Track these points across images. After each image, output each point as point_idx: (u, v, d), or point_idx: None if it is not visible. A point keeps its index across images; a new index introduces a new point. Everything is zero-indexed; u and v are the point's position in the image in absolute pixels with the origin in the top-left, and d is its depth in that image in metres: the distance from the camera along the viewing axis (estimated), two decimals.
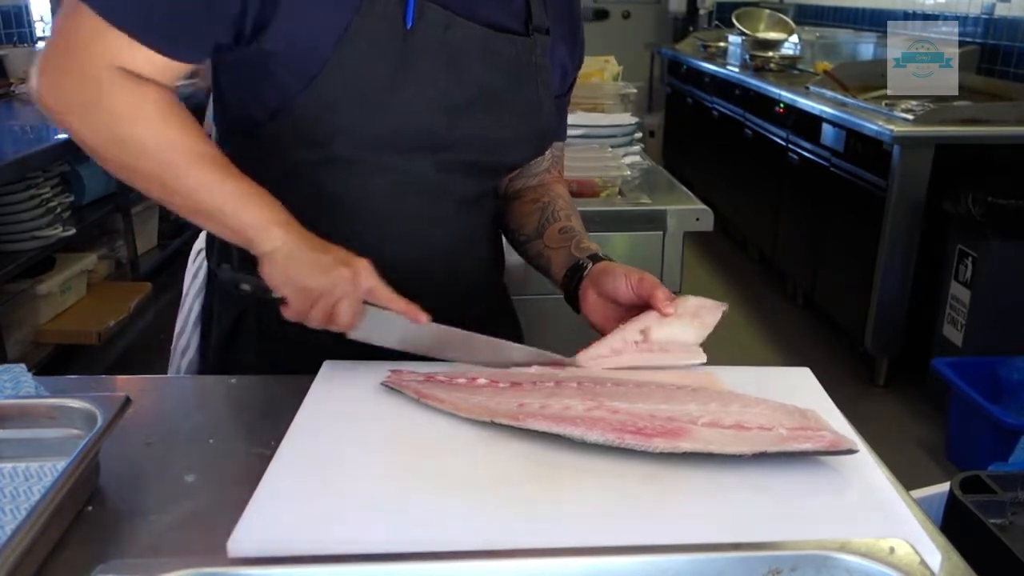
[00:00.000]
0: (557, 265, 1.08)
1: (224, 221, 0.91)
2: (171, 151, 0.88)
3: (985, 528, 0.92)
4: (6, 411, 0.82)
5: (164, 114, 0.88)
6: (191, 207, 0.91)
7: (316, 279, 0.89)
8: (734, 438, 0.78)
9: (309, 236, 0.91)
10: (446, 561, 0.61)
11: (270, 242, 0.90)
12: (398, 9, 0.92)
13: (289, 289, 0.90)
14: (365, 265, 0.90)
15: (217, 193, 0.89)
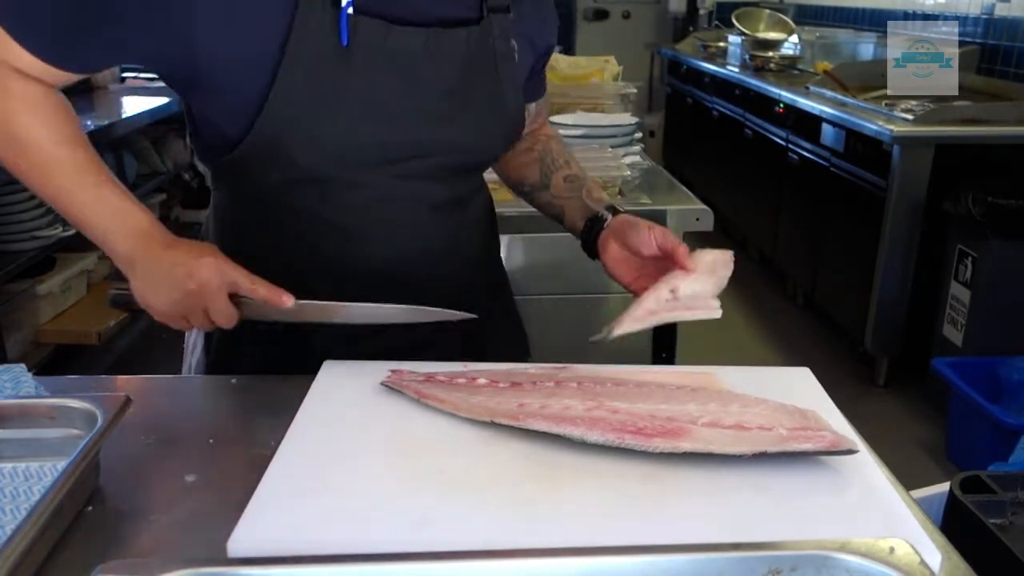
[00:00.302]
0: (571, 214, 1.13)
1: (84, 229, 0.92)
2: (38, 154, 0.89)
3: (985, 528, 0.92)
4: (6, 411, 0.82)
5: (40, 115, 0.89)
6: (60, 210, 0.92)
7: (172, 300, 0.89)
8: (734, 438, 0.78)
9: (156, 246, 0.90)
10: (446, 561, 0.60)
11: (118, 259, 0.91)
12: (332, 29, 0.90)
13: (147, 307, 0.91)
14: (209, 267, 0.88)
15: (77, 201, 0.91)
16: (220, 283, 0.88)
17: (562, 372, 0.93)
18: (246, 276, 0.89)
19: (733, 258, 0.99)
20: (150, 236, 0.91)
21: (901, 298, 3.01)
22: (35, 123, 0.89)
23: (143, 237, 0.91)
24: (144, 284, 0.90)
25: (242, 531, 0.68)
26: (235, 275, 0.89)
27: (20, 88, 0.88)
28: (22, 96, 0.88)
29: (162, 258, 0.89)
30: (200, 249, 0.90)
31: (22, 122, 0.88)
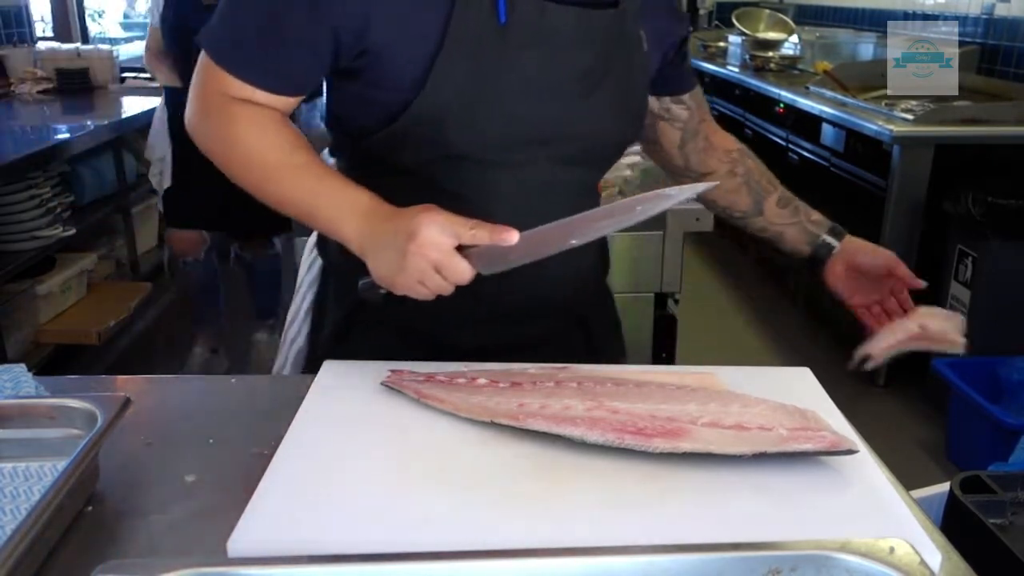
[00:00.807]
0: (792, 240, 1.21)
1: (312, 225, 0.95)
2: (262, 167, 0.94)
3: (985, 528, 0.92)
4: (6, 411, 0.82)
5: (256, 135, 0.94)
6: (293, 214, 0.95)
7: (402, 268, 0.86)
8: (734, 438, 0.78)
9: (380, 223, 0.89)
10: (446, 561, 0.60)
11: (350, 244, 0.91)
12: (491, 7, 0.91)
13: (387, 286, 0.89)
14: (428, 224, 0.84)
15: (301, 199, 0.93)
16: (443, 238, 0.84)
17: (562, 372, 0.93)
18: (464, 223, 0.85)
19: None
20: (371, 213, 0.90)
21: None
22: (257, 138, 0.94)
23: (365, 216, 0.90)
24: (377, 262, 0.89)
25: (242, 531, 0.68)
26: (455, 226, 0.85)
27: (241, 111, 0.94)
28: (245, 119, 0.94)
29: (385, 230, 0.88)
30: (416, 211, 0.86)
31: (247, 141, 0.94)
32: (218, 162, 0.96)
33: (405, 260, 0.85)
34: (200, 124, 0.97)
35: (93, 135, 3.03)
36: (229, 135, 0.94)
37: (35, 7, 4.25)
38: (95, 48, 3.99)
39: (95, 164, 3.18)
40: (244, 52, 0.93)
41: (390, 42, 0.92)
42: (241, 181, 0.96)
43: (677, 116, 1.21)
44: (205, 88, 0.95)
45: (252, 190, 0.96)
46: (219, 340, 3.19)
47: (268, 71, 0.94)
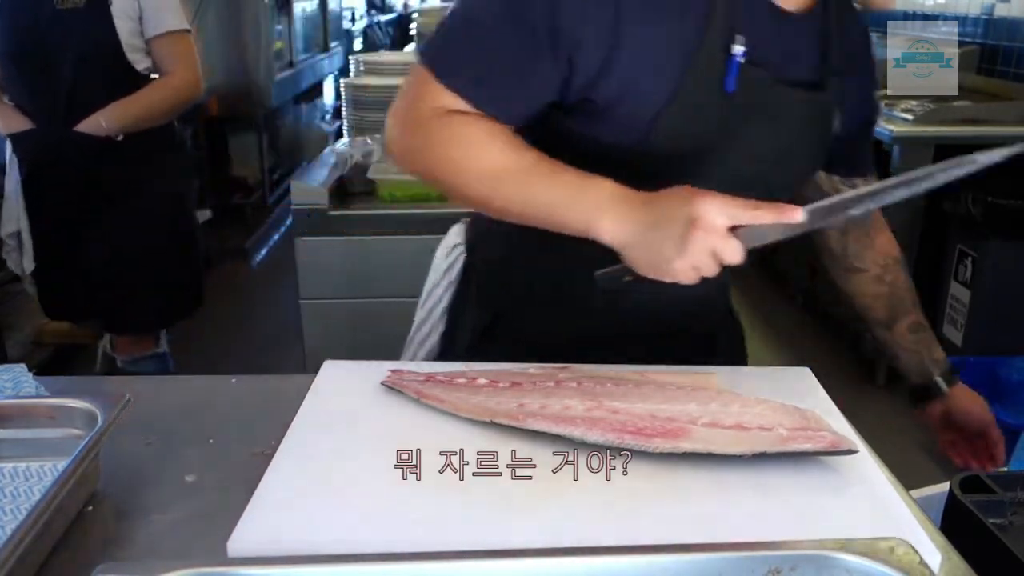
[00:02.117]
0: (907, 365, 1.30)
1: (563, 227, 0.89)
2: (483, 172, 0.91)
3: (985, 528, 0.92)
4: (6, 411, 0.82)
5: (483, 141, 0.91)
6: (532, 216, 0.91)
7: (680, 254, 0.82)
8: (734, 438, 0.78)
9: (640, 210, 0.85)
10: (446, 561, 0.60)
11: (607, 236, 0.86)
12: (721, 74, 0.91)
13: (657, 273, 0.85)
14: (711, 208, 0.81)
15: (534, 201, 0.90)
16: (724, 221, 0.82)
17: (562, 372, 0.93)
18: (742, 204, 0.82)
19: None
20: (626, 202, 0.86)
21: None
22: (485, 145, 0.91)
23: (620, 206, 0.86)
24: (645, 251, 0.85)
25: (242, 531, 0.68)
26: (734, 208, 0.82)
27: (464, 120, 0.91)
28: (471, 126, 0.91)
29: (654, 218, 0.84)
30: (684, 194, 0.83)
31: (475, 148, 0.91)
32: (434, 179, 0.94)
33: (686, 245, 0.81)
34: (409, 141, 0.95)
35: None
36: (455, 142, 0.91)
37: None
38: None
39: None
40: (470, 73, 0.91)
41: (620, 96, 0.91)
42: (468, 191, 0.92)
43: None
44: (417, 103, 0.92)
45: (481, 200, 0.93)
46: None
47: (493, 99, 0.91)
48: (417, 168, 0.96)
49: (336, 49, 5.76)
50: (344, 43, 6.13)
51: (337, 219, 1.95)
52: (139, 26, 2.11)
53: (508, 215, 0.92)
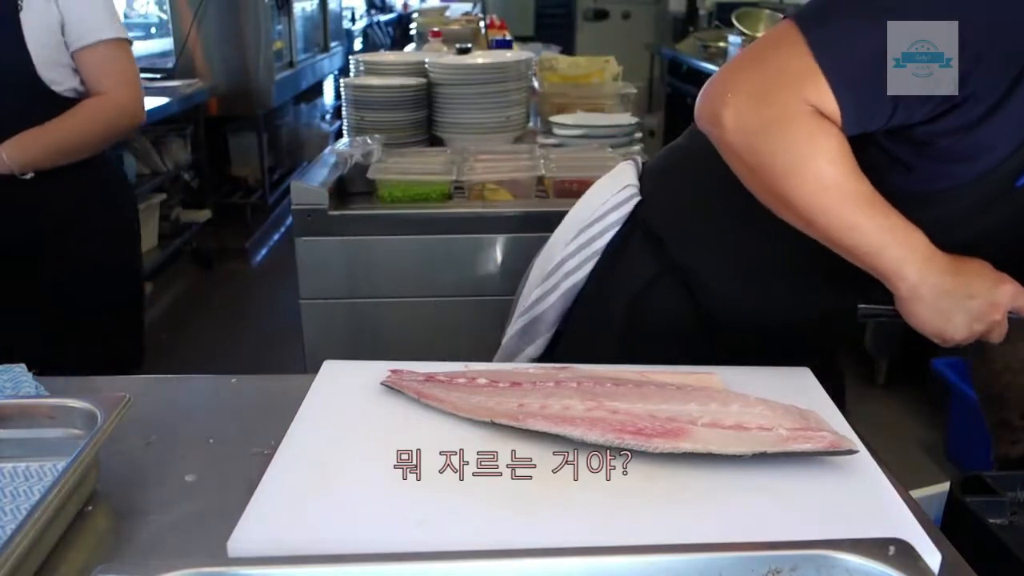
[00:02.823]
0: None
1: (864, 261, 0.91)
2: (827, 191, 0.89)
3: (985, 528, 0.92)
4: (6, 411, 0.82)
5: (836, 155, 0.88)
6: (849, 241, 0.91)
7: (961, 329, 0.90)
8: (734, 439, 0.78)
9: (948, 274, 0.90)
10: (446, 561, 0.60)
11: (903, 286, 0.91)
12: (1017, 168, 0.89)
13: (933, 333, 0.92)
14: (1010, 295, 0.90)
15: (858, 234, 0.89)
16: (1011, 307, 0.91)
17: (562, 372, 0.93)
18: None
19: None
20: (934, 260, 0.90)
21: None
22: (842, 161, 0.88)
23: (930, 262, 0.90)
24: (932, 313, 0.91)
25: (242, 531, 0.68)
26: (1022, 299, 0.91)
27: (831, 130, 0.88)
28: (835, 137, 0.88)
29: (955, 287, 0.90)
30: (992, 275, 0.91)
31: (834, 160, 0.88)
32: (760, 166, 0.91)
33: (975, 323, 0.90)
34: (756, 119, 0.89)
35: None
36: (816, 149, 0.88)
37: None
38: None
39: None
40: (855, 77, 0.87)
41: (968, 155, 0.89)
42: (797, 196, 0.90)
43: None
44: (787, 84, 0.87)
45: (808, 209, 0.90)
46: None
47: (866, 111, 0.88)
48: (748, 149, 0.91)
49: (336, 49, 5.76)
50: (344, 43, 6.13)
51: (337, 219, 1.95)
52: (62, 38, 1.65)
53: (820, 231, 0.91)
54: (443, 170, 1.91)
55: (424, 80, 2.23)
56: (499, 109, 2.19)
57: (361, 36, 7.05)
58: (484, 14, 5.64)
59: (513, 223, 1.81)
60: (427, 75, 2.25)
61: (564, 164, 1.95)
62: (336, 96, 6.02)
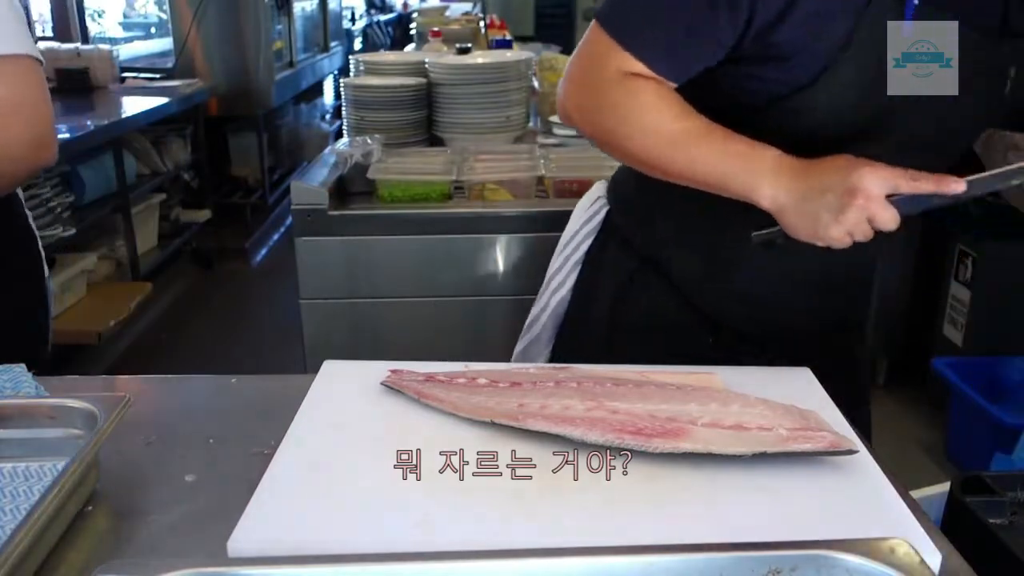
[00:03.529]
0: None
1: (723, 190, 0.95)
2: (656, 136, 0.96)
3: (985, 528, 0.92)
4: (6, 411, 0.82)
5: (652, 104, 0.96)
6: (700, 179, 0.96)
7: (831, 225, 0.88)
8: (734, 439, 0.78)
9: (801, 178, 0.90)
10: (446, 561, 0.60)
11: (766, 202, 0.92)
12: (898, 15, 0.91)
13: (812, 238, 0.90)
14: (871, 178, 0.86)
15: (701, 168, 0.94)
16: (882, 189, 0.87)
17: (562, 372, 0.93)
18: (903, 175, 0.87)
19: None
20: (786, 170, 0.91)
21: (901, 298, 3.00)
22: (660, 108, 0.96)
23: (781, 174, 0.91)
24: (800, 218, 0.90)
25: (242, 531, 0.68)
26: (895, 179, 0.87)
27: (643, 85, 0.96)
28: (648, 91, 0.96)
29: (811, 187, 0.89)
30: (843, 164, 0.89)
31: (651, 110, 0.96)
32: (603, 137, 1.00)
33: (844, 214, 0.87)
34: (585, 100, 1.00)
35: (93, 135, 3.02)
36: (631, 106, 0.96)
37: (35, 7, 4.24)
38: (95, 48, 3.99)
39: (95, 164, 3.18)
40: (650, 37, 0.95)
41: (802, 37, 0.91)
42: (637, 152, 0.99)
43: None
44: (596, 64, 0.97)
45: (651, 160, 0.98)
46: None
47: (671, 57, 0.95)
48: (589, 127, 1.02)
49: (336, 49, 5.76)
50: (344, 43, 6.13)
51: (337, 219, 1.95)
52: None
53: (674, 176, 0.97)
54: (443, 170, 1.91)
55: (424, 80, 2.23)
56: (499, 109, 2.19)
57: (361, 36, 7.05)
58: (484, 14, 5.63)
59: (513, 223, 1.81)
60: (427, 75, 2.25)
61: (564, 164, 1.95)
62: (336, 96, 6.02)
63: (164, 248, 3.82)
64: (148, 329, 3.48)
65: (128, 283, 3.41)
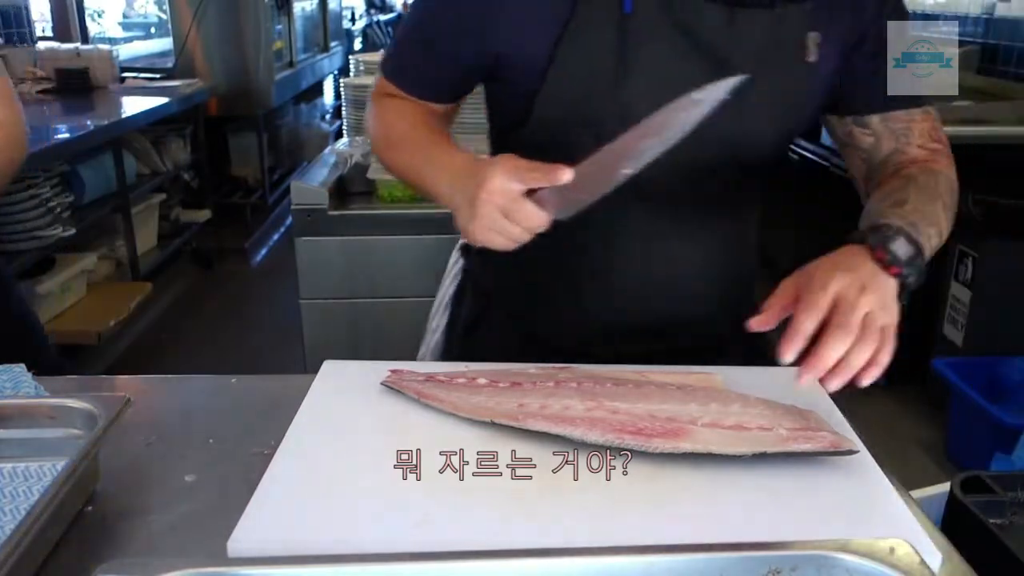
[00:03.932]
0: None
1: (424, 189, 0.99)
2: (376, 144, 1.06)
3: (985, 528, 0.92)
4: (6, 411, 0.82)
5: (378, 114, 1.07)
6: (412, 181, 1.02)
7: (469, 222, 0.85)
8: (734, 439, 0.78)
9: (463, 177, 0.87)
10: (446, 561, 0.60)
11: (440, 196, 0.94)
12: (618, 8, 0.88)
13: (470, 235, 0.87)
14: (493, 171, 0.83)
15: (413, 165, 0.99)
16: (510, 184, 0.82)
17: (562, 372, 0.93)
18: (527, 166, 0.82)
19: None
20: (460, 170, 0.90)
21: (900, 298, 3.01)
22: (396, 118, 1.04)
23: (455, 173, 0.91)
24: (458, 215, 0.88)
25: (242, 531, 0.68)
26: (521, 171, 0.82)
27: (392, 101, 1.06)
28: (394, 106, 1.06)
29: (461, 184, 0.87)
30: (485, 161, 0.87)
31: (390, 120, 1.05)
32: (375, 145, 1.09)
33: (475, 208, 0.84)
34: (369, 116, 1.10)
35: (93, 135, 3.02)
36: (383, 118, 1.06)
37: (35, 7, 4.24)
38: (95, 48, 3.99)
39: (95, 164, 3.18)
40: (401, 65, 1.06)
41: (513, 38, 0.93)
42: (381, 156, 1.07)
43: (859, 143, 1.04)
44: (376, 90, 1.09)
45: (385, 164, 1.06)
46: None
47: (417, 80, 1.05)
48: (371, 134, 1.10)
49: (336, 49, 5.76)
50: (344, 43, 6.13)
51: (337, 219, 1.95)
52: None
53: (405, 177, 1.04)
54: None
55: None
56: None
57: (361, 36, 7.05)
58: None
59: None
60: None
61: None
62: (336, 96, 6.02)
63: (164, 248, 3.82)
64: (148, 329, 3.48)
65: (128, 283, 3.41)
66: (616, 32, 0.90)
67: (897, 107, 1.02)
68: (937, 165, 1.01)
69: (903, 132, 1.03)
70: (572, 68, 0.91)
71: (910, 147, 1.02)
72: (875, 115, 1.03)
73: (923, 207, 0.92)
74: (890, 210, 0.91)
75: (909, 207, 0.92)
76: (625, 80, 0.91)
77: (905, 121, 1.03)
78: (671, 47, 0.90)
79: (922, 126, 1.03)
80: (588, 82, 0.92)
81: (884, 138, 1.03)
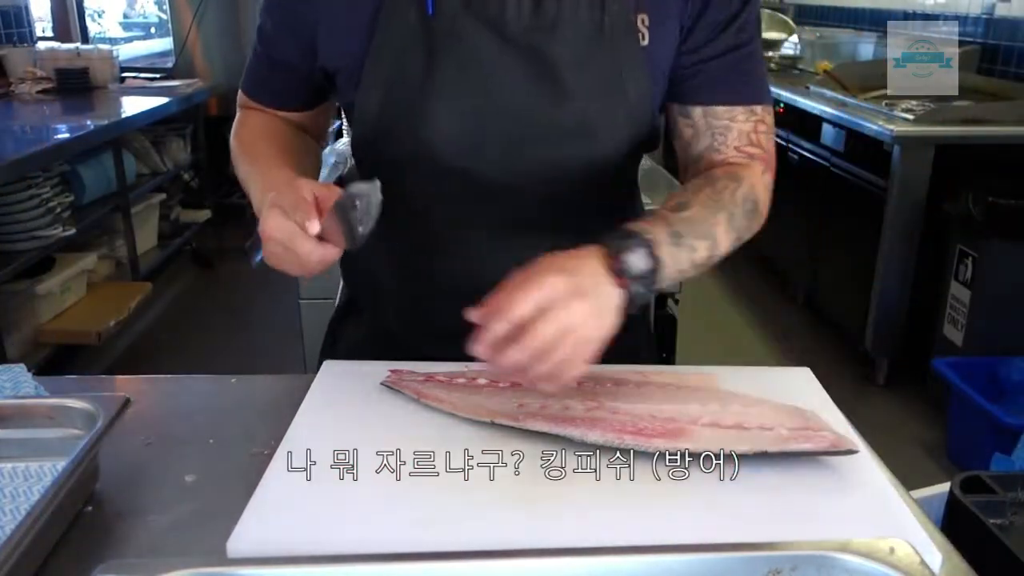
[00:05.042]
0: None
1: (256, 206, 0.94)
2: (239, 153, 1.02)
3: (985, 528, 0.92)
4: (6, 411, 0.82)
5: (236, 126, 1.06)
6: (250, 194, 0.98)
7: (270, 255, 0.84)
8: (734, 438, 0.78)
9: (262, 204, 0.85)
10: (446, 561, 0.60)
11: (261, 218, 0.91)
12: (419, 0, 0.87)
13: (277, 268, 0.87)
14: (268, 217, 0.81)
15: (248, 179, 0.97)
16: (284, 224, 0.80)
17: None
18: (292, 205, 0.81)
19: None
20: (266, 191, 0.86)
21: (901, 298, 3.01)
22: (246, 131, 1.04)
23: (262, 194, 0.87)
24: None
25: (242, 531, 0.68)
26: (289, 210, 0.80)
27: (246, 113, 1.07)
28: (246, 118, 1.07)
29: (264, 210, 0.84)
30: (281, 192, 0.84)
31: (240, 133, 1.04)
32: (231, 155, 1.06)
33: (270, 249, 0.83)
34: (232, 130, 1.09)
35: (93, 135, 3.02)
36: (235, 130, 1.06)
37: (35, 7, 4.25)
38: (95, 48, 3.99)
39: (95, 164, 3.18)
40: (249, 76, 1.07)
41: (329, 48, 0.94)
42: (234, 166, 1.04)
43: (680, 134, 1.01)
44: (238, 102, 1.09)
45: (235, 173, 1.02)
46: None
47: (264, 90, 1.06)
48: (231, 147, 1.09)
49: None
50: None
51: None
52: None
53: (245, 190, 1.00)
54: None
55: None
56: None
57: None
58: None
59: None
60: None
61: None
62: None
63: (164, 248, 3.82)
64: (148, 329, 3.49)
65: (128, 283, 3.41)
66: (422, 35, 0.89)
67: (719, 102, 0.96)
68: (746, 171, 0.95)
69: (721, 130, 0.97)
70: (381, 74, 0.91)
71: (726, 147, 0.96)
72: (697, 107, 0.97)
73: (701, 217, 0.88)
74: (665, 213, 0.88)
75: (686, 214, 0.87)
76: (431, 85, 0.89)
77: (726, 119, 0.96)
78: (480, 44, 0.88)
79: (743, 127, 0.96)
80: (399, 89, 0.90)
81: (702, 133, 0.98)
